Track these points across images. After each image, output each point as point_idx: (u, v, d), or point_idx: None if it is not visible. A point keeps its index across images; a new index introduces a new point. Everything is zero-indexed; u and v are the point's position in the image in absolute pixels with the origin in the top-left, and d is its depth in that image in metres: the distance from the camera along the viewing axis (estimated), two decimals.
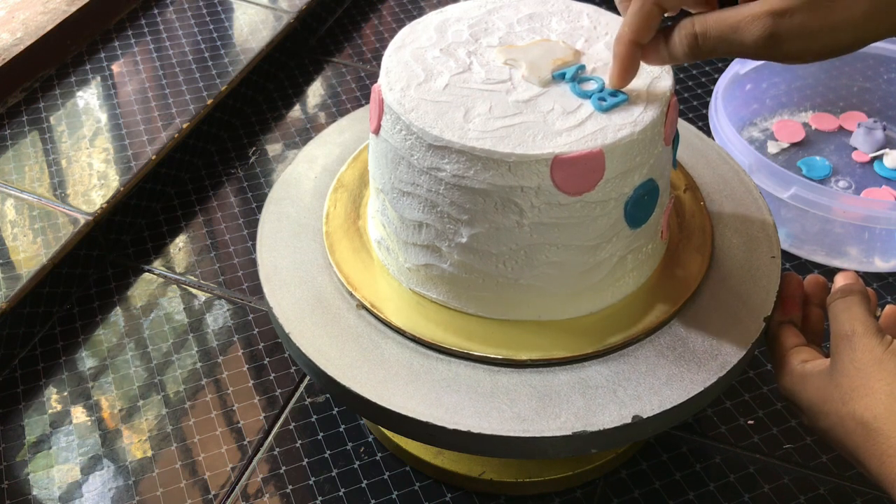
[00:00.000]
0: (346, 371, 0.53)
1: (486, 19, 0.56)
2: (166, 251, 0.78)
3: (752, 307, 0.56)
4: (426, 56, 0.54)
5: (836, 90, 0.89)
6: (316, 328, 0.55)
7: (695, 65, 0.96)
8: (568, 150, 0.48)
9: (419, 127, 0.49)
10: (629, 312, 0.55)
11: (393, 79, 0.52)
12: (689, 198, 0.62)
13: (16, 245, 0.72)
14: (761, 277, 0.58)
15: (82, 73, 0.89)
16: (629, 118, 0.50)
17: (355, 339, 0.54)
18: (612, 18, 0.56)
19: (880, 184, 0.82)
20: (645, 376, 0.52)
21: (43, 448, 0.64)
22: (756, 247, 0.60)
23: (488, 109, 0.50)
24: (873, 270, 0.75)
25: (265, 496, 0.61)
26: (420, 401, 0.51)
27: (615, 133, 0.49)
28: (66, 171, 0.79)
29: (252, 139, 0.88)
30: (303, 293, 0.57)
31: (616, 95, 0.50)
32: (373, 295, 0.56)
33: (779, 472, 0.62)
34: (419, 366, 0.53)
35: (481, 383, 0.52)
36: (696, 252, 0.58)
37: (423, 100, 0.51)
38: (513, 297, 0.53)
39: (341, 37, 1.01)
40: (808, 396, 0.51)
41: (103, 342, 0.71)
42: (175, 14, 0.97)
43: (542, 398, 0.51)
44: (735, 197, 0.63)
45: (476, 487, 0.61)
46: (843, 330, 0.51)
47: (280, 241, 0.60)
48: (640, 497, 0.61)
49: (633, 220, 0.52)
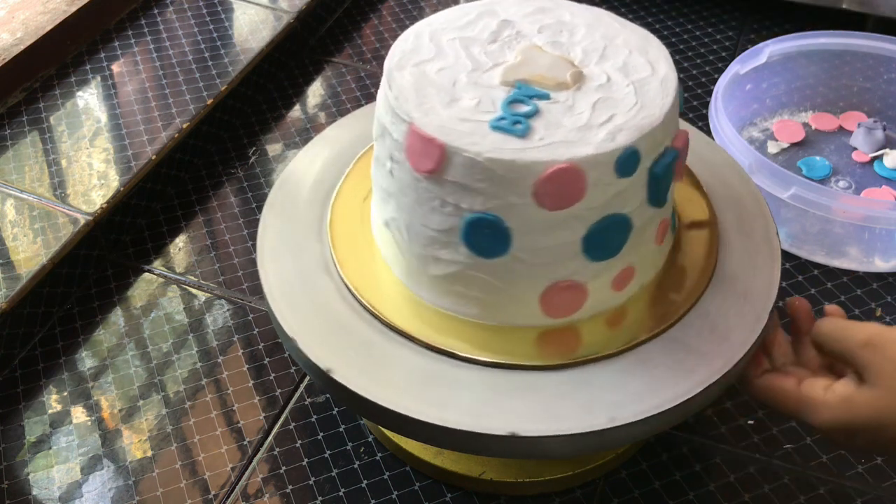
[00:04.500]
0: (347, 371, 0.52)
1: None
2: (166, 251, 0.78)
3: (752, 307, 0.56)
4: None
5: (836, 90, 0.89)
6: (316, 329, 0.55)
7: (695, 65, 0.96)
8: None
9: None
10: (630, 313, 0.55)
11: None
12: (692, 199, 0.62)
13: (16, 245, 0.72)
14: (761, 278, 0.57)
15: (82, 73, 0.89)
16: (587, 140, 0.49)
17: (356, 339, 0.54)
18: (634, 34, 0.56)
19: (880, 184, 0.82)
20: (646, 376, 0.52)
21: (43, 448, 0.64)
22: (756, 247, 0.60)
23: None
24: (873, 270, 0.75)
25: (265, 496, 0.61)
26: (420, 401, 0.51)
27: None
28: (66, 171, 0.79)
29: (252, 139, 0.88)
30: (303, 293, 0.57)
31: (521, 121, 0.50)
32: (374, 296, 0.56)
33: (779, 472, 0.62)
34: (419, 366, 0.53)
35: (482, 384, 0.52)
36: (699, 253, 0.59)
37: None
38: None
39: (341, 37, 1.01)
40: (864, 416, 0.49)
41: (103, 342, 0.71)
42: (175, 14, 0.97)
43: (542, 399, 0.51)
44: (735, 197, 0.63)
45: (476, 487, 0.61)
46: (858, 340, 0.50)
47: (280, 241, 0.60)
48: (640, 497, 0.61)
49: (594, 253, 0.52)
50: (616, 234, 0.52)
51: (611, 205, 0.50)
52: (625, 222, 0.51)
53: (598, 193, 0.49)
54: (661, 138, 0.51)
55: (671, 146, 0.52)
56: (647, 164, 0.51)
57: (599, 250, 0.52)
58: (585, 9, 0.58)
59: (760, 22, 1.02)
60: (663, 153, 0.51)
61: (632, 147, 0.49)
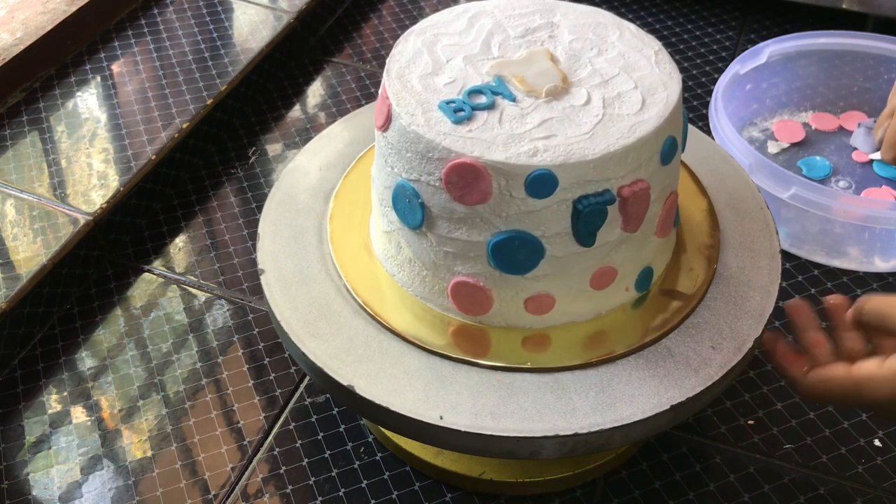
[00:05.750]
0: (347, 371, 0.53)
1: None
2: (166, 251, 0.78)
3: (752, 307, 0.56)
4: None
5: (836, 90, 0.89)
6: (317, 329, 0.55)
7: (695, 65, 0.96)
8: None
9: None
10: (631, 314, 0.55)
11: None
12: (692, 199, 0.62)
13: (16, 245, 0.72)
14: (761, 278, 0.58)
15: (82, 73, 0.89)
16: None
17: (379, 355, 0.54)
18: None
19: (880, 184, 0.82)
20: (645, 377, 0.52)
21: (43, 448, 0.64)
22: (756, 247, 0.60)
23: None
24: (873, 270, 0.75)
25: (265, 496, 0.61)
26: (420, 401, 0.51)
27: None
28: (65, 171, 0.79)
29: (252, 139, 0.88)
30: (303, 294, 0.57)
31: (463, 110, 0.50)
32: (374, 297, 0.56)
33: (779, 472, 0.62)
34: (419, 367, 0.53)
35: (482, 384, 0.52)
36: (701, 254, 0.59)
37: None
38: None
39: (341, 37, 1.01)
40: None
41: (103, 342, 0.71)
42: (175, 14, 0.97)
43: (542, 400, 0.51)
44: (735, 197, 0.63)
45: (476, 487, 0.61)
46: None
47: (280, 241, 0.60)
48: (640, 497, 0.61)
49: (498, 262, 0.51)
50: (522, 252, 0.51)
51: (521, 221, 0.50)
52: (534, 244, 0.50)
53: (505, 203, 0.49)
54: (591, 175, 0.49)
55: (610, 189, 0.50)
56: (569, 196, 0.49)
57: (504, 262, 0.51)
58: (632, 31, 0.57)
59: (760, 22, 1.02)
60: (600, 192, 0.49)
61: (546, 170, 0.48)
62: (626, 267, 0.54)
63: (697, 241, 0.59)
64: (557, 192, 0.49)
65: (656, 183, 0.52)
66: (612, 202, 0.50)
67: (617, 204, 0.50)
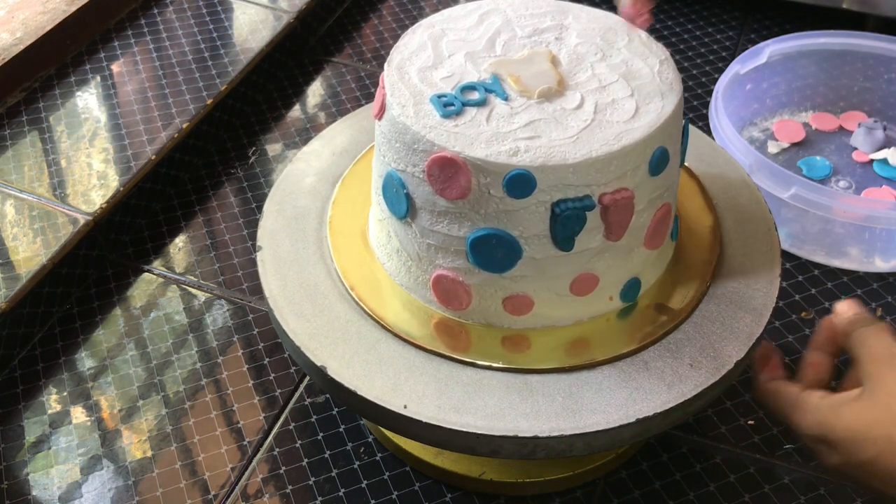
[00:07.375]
0: (323, 352, 0.53)
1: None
2: (166, 251, 0.78)
3: (752, 307, 0.56)
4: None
5: (836, 90, 0.89)
6: (301, 308, 0.55)
7: (695, 65, 0.96)
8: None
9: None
10: (615, 324, 0.55)
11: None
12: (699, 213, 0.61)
13: (15, 245, 0.72)
14: (761, 278, 0.57)
15: (82, 73, 0.89)
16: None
17: (356, 340, 0.54)
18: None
19: (880, 184, 0.82)
20: (615, 388, 0.52)
21: (43, 448, 0.64)
22: (756, 247, 0.59)
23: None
24: (873, 270, 0.75)
25: (265, 496, 0.61)
26: (388, 389, 0.51)
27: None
28: (65, 171, 0.79)
29: (252, 139, 0.88)
30: (294, 273, 0.57)
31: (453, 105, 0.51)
32: (362, 283, 0.57)
33: (779, 472, 0.62)
34: (393, 355, 0.53)
35: (451, 378, 0.52)
36: (698, 270, 0.58)
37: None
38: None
39: (341, 37, 1.01)
40: (845, 426, 0.48)
41: (103, 342, 0.71)
42: (175, 14, 0.97)
43: (507, 399, 0.51)
44: (735, 197, 0.63)
45: (476, 487, 0.61)
46: (880, 352, 0.48)
47: (282, 220, 0.60)
48: (640, 497, 0.61)
49: (476, 258, 0.52)
50: (499, 250, 0.51)
51: (500, 220, 0.50)
52: (512, 244, 0.50)
53: (485, 201, 0.49)
54: (571, 179, 0.48)
55: (591, 195, 0.49)
56: (547, 198, 0.49)
57: (481, 259, 0.51)
58: (642, 39, 0.57)
59: (760, 22, 1.02)
60: (580, 198, 0.49)
61: (524, 171, 0.48)
62: (610, 276, 0.53)
63: (697, 257, 0.59)
64: (536, 193, 0.49)
65: (643, 193, 0.51)
66: (591, 208, 0.49)
67: (598, 211, 0.50)
